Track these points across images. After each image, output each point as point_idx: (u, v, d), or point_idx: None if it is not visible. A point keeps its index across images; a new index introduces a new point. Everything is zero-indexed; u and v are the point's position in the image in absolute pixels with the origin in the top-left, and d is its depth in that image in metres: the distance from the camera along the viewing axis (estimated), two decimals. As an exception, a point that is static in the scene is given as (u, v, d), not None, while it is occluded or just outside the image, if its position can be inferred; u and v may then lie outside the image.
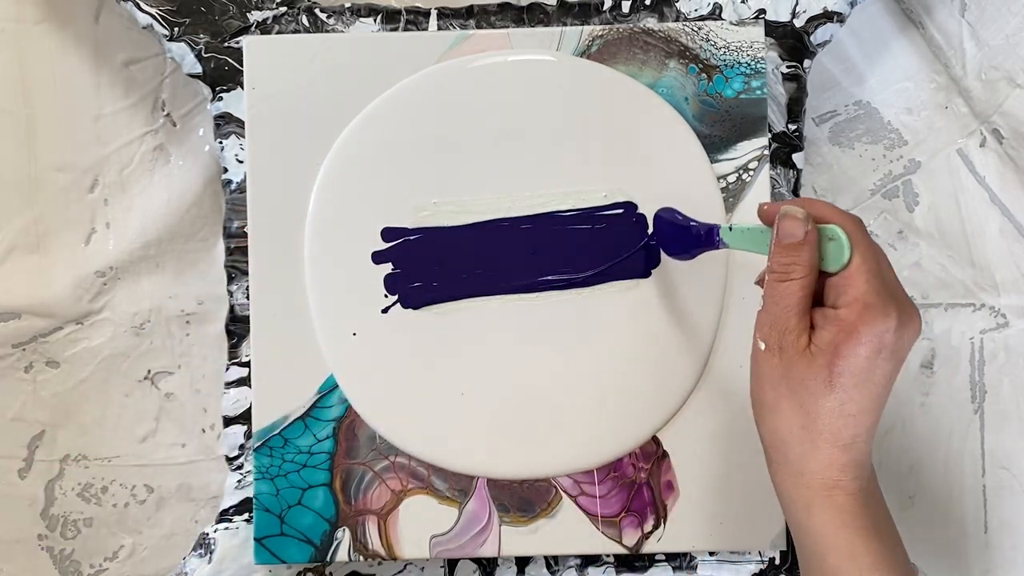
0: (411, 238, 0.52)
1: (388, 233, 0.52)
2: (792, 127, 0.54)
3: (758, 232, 0.43)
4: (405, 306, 0.51)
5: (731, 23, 0.52)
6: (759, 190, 0.52)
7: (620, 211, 0.52)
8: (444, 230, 0.52)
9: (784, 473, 0.39)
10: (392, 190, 0.52)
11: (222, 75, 0.53)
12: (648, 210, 0.52)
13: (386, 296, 0.52)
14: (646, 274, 0.52)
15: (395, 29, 0.54)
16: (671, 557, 0.53)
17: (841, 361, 0.37)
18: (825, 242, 0.40)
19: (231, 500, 0.53)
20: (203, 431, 0.58)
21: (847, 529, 0.38)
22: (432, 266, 0.52)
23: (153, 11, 0.52)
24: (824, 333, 0.38)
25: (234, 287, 0.53)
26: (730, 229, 0.45)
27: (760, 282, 0.45)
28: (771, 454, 0.40)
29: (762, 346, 0.40)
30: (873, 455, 0.57)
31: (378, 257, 0.52)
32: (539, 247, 0.52)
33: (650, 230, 0.51)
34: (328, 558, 0.51)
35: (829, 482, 0.38)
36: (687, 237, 0.48)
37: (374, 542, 0.51)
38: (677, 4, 0.54)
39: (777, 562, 0.53)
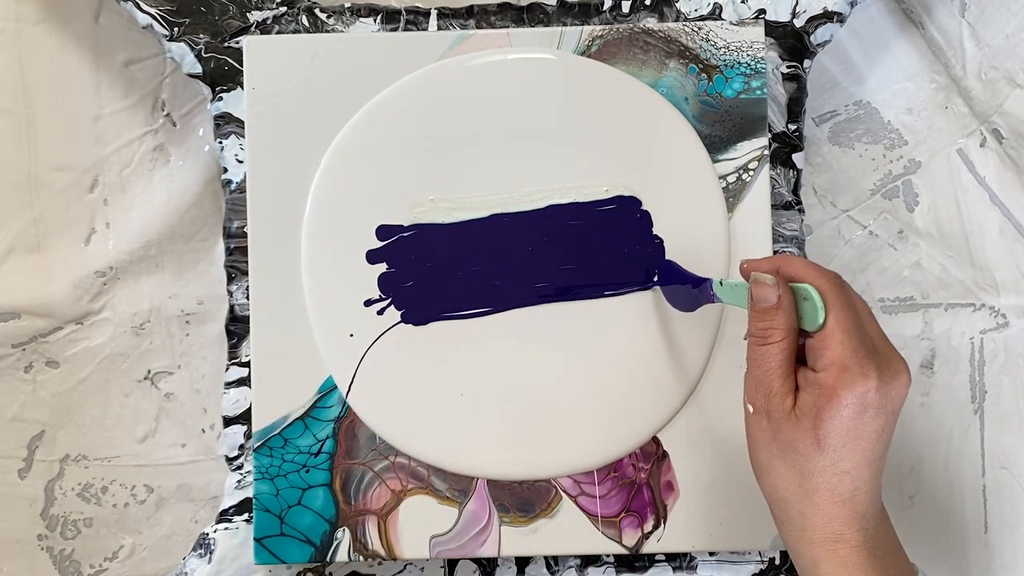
0: (405, 235, 0.52)
1: (383, 231, 0.52)
2: (792, 127, 0.54)
3: (745, 288, 0.43)
4: (406, 321, 0.51)
5: (731, 23, 0.52)
6: (759, 190, 0.52)
7: (623, 205, 0.52)
8: (439, 227, 0.52)
9: (788, 529, 0.40)
10: (391, 189, 0.52)
11: (222, 75, 0.53)
12: (649, 209, 0.52)
13: (381, 298, 0.51)
14: (647, 285, 0.52)
15: (395, 29, 0.54)
16: (671, 557, 0.53)
17: (825, 424, 0.38)
18: (801, 302, 0.40)
19: (231, 500, 0.53)
20: (203, 431, 0.58)
21: None
22: (426, 264, 0.52)
23: (153, 11, 0.52)
24: (806, 396, 0.39)
25: (234, 287, 0.53)
26: (720, 284, 0.45)
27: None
28: (774, 511, 0.40)
29: (750, 409, 0.40)
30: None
31: (373, 256, 0.52)
32: (538, 244, 0.52)
33: (654, 229, 0.51)
34: (328, 558, 0.51)
35: (832, 536, 0.38)
36: (688, 292, 0.48)
37: (374, 542, 0.51)
38: (677, 4, 0.54)
39: (777, 562, 0.53)
